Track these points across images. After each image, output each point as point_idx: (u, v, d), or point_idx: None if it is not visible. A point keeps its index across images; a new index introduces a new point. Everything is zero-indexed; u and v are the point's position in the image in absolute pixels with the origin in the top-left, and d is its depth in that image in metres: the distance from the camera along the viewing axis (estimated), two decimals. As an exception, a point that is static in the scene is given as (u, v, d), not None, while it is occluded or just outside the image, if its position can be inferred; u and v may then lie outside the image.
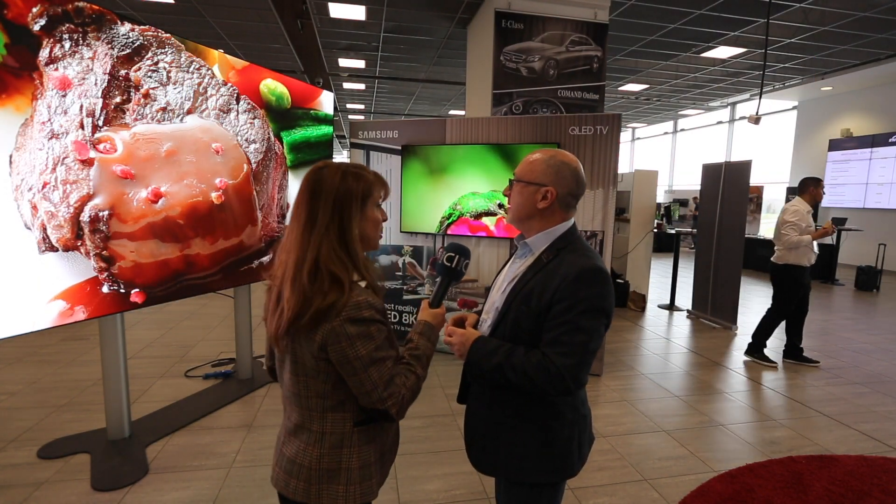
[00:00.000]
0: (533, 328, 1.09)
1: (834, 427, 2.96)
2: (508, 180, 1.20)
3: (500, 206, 3.75)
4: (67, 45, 1.96)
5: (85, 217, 2.05)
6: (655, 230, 6.57)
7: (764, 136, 12.39)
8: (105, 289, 2.18)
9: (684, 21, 6.52)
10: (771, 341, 4.13)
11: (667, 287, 6.57)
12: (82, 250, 2.08)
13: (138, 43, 2.23)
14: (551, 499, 1.18)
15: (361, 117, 15.41)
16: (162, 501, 2.11)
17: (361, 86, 11.22)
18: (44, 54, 1.89)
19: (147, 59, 2.28)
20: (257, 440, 2.63)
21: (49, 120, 1.92)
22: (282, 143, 3.18)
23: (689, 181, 13.90)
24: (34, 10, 1.85)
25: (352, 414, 1.02)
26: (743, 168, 4.91)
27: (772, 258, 4.06)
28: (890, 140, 9.00)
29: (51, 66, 1.91)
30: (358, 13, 6.50)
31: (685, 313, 5.73)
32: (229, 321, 4.76)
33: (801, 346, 4.09)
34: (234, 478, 2.29)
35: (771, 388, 3.56)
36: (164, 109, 2.37)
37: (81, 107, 2.02)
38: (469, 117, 4.59)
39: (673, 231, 6.75)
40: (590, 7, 5.55)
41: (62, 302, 2.02)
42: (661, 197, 13.72)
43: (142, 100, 2.26)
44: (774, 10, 6.00)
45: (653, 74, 9.47)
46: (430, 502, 2.15)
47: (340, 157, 22.20)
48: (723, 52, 7.88)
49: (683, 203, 10.12)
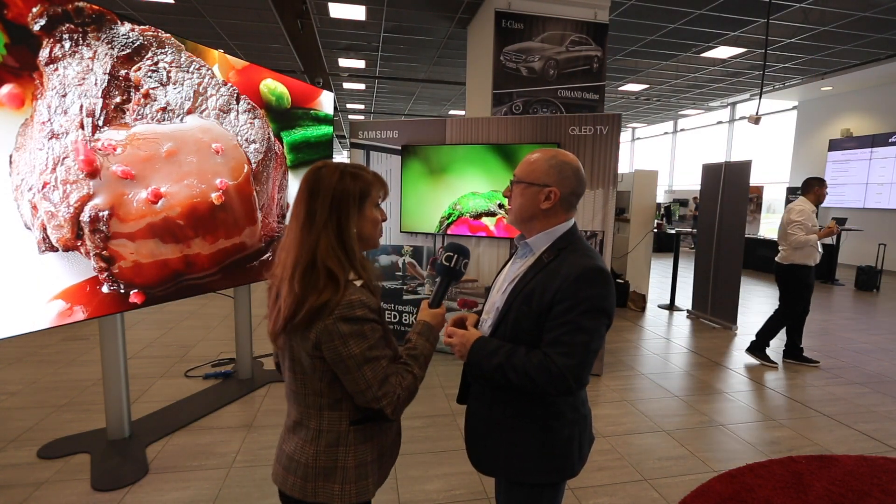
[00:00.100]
0: (534, 328, 1.08)
1: (834, 427, 2.96)
2: (509, 181, 1.20)
3: (500, 207, 3.75)
4: (67, 45, 1.96)
5: (85, 217, 2.05)
6: (655, 230, 6.57)
7: (764, 136, 12.39)
8: (105, 289, 2.18)
9: (684, 21, 6.52)
10: (772, 341, 4.13)
11: (667, 287, 6.57)
12: (82, 250, 2.08)
13: (138, 43, 2.23)
14: (552, 499, 1.18)
15: (361, 117, 15.41)
16: (162, 501, 2.11)
17: (361, 86, 11.22)
18: (44, 54, 1.89)
19: (147, 59, 2.28)
20: (257, 440, 2.63)
21: (49, 120, 1.92)
22: (282, 143, 3.18)
23: (689, 181, 13.90)
24: (34, 10, 1.85)
25: (348, 413, 1.02)
26: (743, 168, 4.91)
27: (776, 258, 4.02)
28: (890, 140, 9.00)
29: (51, 66, 1.91)
30: (358, 13, 6.50)
31: (685, 313, 5.73)
32: (229, 321, 4.76)
33: (802, 346, 4.08)
34: (234, 478, 2.29)
35: (771, 388, 3.56)
36: (164, 109, 2.37)
37: (81, 107, 2.02)
38: (469, 117, 4.59)
39: (673, 231, 6.75)
40: (590, 7, 5.54)
41: (62, 302, 2.02)
42: (661, 197, 13.72)
43: (142, 100, 2.26)
44: (774, 10, 6.00)
45: (653, 74, 9.47)
46: (430, 502, 2.15)
47: (340, 157, 22.19)
48: (723, 52, 7.88)
49: (683, 203, 10.13)
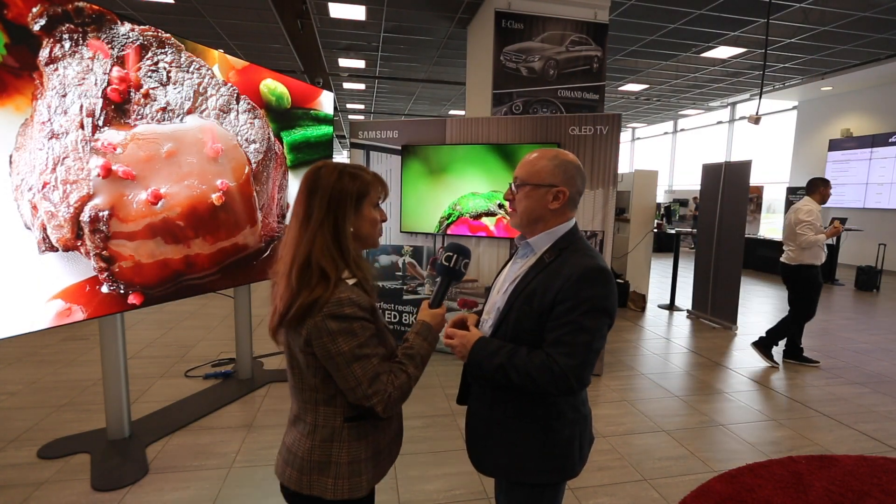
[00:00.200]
0: (535, 328, 1.08)
1: (834, 427, 2.96)
2: (510, 184, 1.18)
3: (500, 207, 3.75)
4: (67, 45, 1.96)
5: (85, 217, 2.05)
6: (655, 230, 6.57)
7: (764, 136, 12.39)
8: (105, 289, 2.18)
9: (684, 21, 6.52)
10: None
11: (667, 287, 6.57)
12: (82, 250, 2.08)
13: (138, 43, 2.23)
14: (552, 499, 1.18)
15: (361, 117, 15.40)
16: (162, 501, 2.11)
17: (361, 86, 11.22)
18: (44, 54, 1.89)
19: (147, 59, 2.28)
20: (257, 440, 2.63)
21: (49, 120, 1.92)
22: (282, 143, 3.18)
23: (689, 181, 13.89)
24: (34, 10, 1.85)
25: (342, 409, 1.03)
26: (743, 168, 4.91)
27: (782, 259, 3.97)
28: (890, 140, 9.00)
29: (51, 66, 1.91)
30: (358, 13, 6.49)
31: (685, 313, 5.73)
32: (229, 321, 4.76)
33: (802, 346, 4.08)
34: (234, 478, 2.29)
35: (771, 388, 3.56)
36: (164, 109, 2.37)
37: (81, 107, 2.02)
38: (469, 117, 4.59)
39: (673, 231, 6.75)
40: (590, 7, 5.54)
41: (61, 301, 2.02)
42: (661, 197, 13.72)
43: (142, 100, 2.26)
44: (774, 10, 6.00)
45: (653, 74, 9.47)
46: (430, 502, 2.15)
47: (340, 157, 22.20)
48: (723, 52, 7.88)
49: (683, 203, 10.13)
